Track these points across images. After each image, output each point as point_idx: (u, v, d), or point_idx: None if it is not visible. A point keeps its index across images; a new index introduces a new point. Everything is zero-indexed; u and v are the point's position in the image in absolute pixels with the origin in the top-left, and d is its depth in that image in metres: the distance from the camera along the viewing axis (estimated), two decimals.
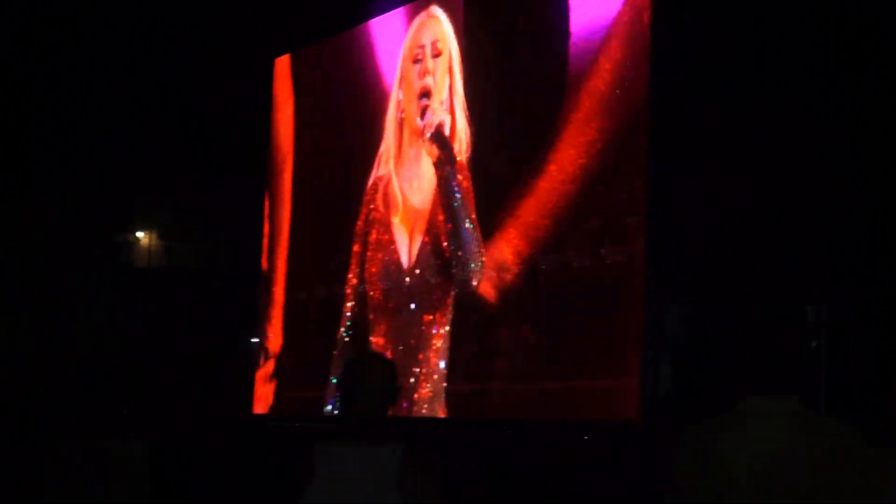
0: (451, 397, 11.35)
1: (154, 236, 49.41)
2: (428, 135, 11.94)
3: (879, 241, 8.80)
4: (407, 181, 12.38)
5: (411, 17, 12.74)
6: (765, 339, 2.92)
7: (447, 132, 11.73)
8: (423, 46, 12.39)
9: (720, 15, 9.59)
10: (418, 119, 12.21)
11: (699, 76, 9.63)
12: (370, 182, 12.98)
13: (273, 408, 14.21)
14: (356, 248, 13.05)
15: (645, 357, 9.59)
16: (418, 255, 12.00)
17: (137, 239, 50.07)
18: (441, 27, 12.17)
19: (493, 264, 11.00)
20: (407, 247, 12.21)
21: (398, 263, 12.24)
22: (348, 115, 13.80)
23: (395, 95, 12.77)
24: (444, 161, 11.69)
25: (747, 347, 2.95)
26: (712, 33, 9.59)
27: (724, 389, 7.77)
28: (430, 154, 11.93)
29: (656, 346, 9.66)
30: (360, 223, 13.09)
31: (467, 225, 11.37)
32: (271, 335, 14.54)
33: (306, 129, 14.72)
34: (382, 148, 12.87)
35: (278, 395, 14.24)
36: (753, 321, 2.97)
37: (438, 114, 11.84)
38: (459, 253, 11.37)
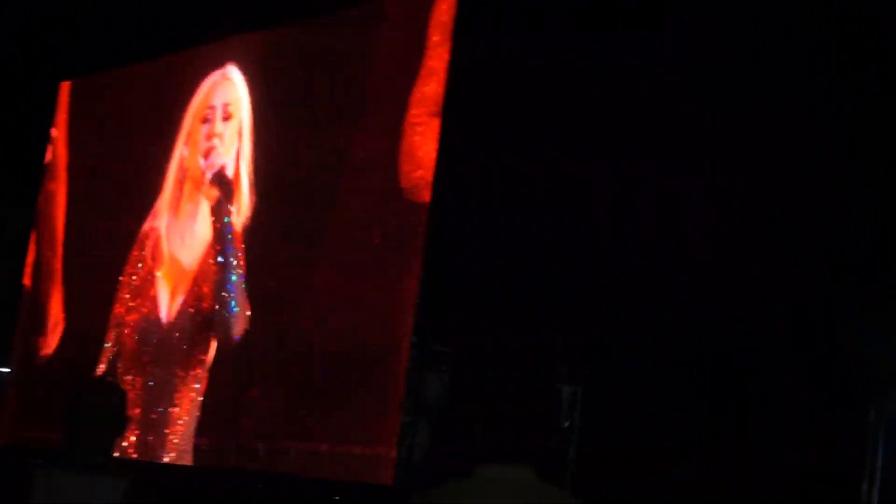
0: (199, 451, 11.12)
1: None
2: (209, 174, 11.69)
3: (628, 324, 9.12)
4: (179, 236, 12.07)
5: (206, 69, 12.48)
6: (510, 411, 3.00)
7: (230, 176, 11.52)
8: (213, 107, 12.07)
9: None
10: (200, 159, 11.96)
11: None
12: (142, 230, 12.62)
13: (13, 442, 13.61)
14: (121, 294, 12.66)
15: (403, 422, 9.65)
16: (178, 313, 11.70)
17: None
18: (236, 91, 11.92)
19: (258, 324, 10.90)
20: (167, 303, 11.91)
21: (157, 318, 11.93)
22: (127, 153, 13.43)
23: (179, 150, 12.44)
24: (223, 203, 11.46)
25: (493, 417, 3.02)
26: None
27: (468, 457, 7.89)
28: (208, 197, 11.66)
29: (415, 412, 9.73)
30: (128, 268, 12.70)
31: (234, 277, 11.16)
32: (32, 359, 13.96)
33: (81, 156, 14.27)
34: (160, 200, 12.51)
35: (23, 428, 13.66)
36: (504, 391, 3.05)
37: (222, 157, 11.63)
38: (224, 296, 11.15)
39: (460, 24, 9.81)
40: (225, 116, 11.93)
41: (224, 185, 11.57)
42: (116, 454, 11.40)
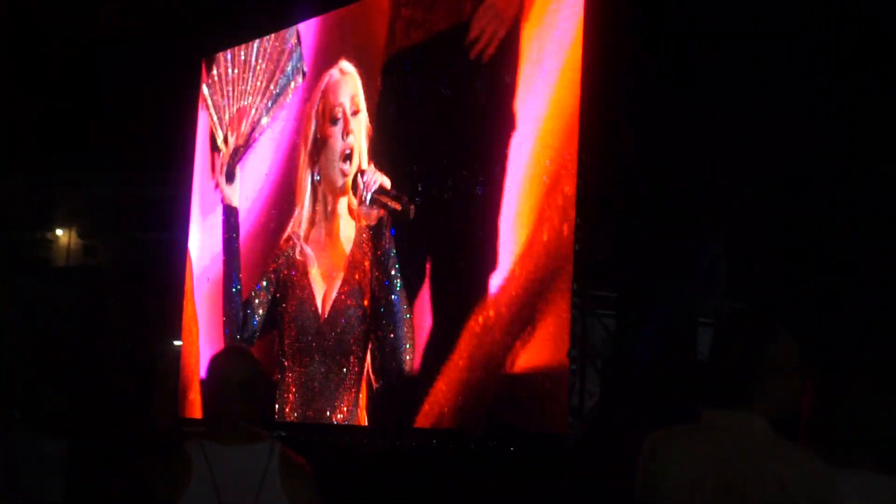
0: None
1: (73, 234, 48.58)
2: (368, 194, 11.58)
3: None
4: (317, 241, 12.24)
5: (319, 71, 12.51)
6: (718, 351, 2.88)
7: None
8: (341, 105, 12.18)
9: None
10: (340, 164, 11.98)
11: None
12: (284, 235, 12.88)
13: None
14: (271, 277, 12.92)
15: (571, 370, 9.60)
16: (333, 307, 11.83)
17: (56, 237, 49.27)
18: (356, 82, 11.96)
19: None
20: (322, 299, 12.07)
21: (314, 313, 12.08)
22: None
23: (308, 156, 12.54)
24: (383, 224, 11.41)
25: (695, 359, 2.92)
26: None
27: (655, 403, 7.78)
28: (366, 218, 11.57)
29: (581, 359, 9.69)
30: (273, 265, 12.94)
31: (398, 286, 11.21)
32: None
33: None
34: (297, 210, 12.68)
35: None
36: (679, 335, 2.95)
37: (377, 176, 11.53)
38: (383, 301, 11.21)
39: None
40: (354, 111, 11.98)
41: (383, 205, 11.50)
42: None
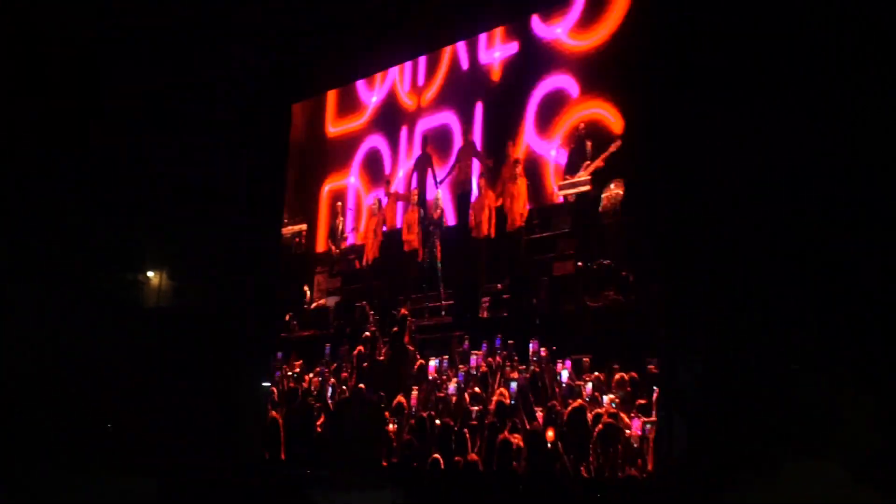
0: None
1: (164, 276, 49.20)
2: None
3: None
4: None
5: None
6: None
7: None
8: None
9: None
10: None
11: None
12: None
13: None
14: None
15: (659, 417, 9.59)
16: None
17: (147, 278, 49.89)
18: None
19: None
20: None
21: None
22: None
23: None
24: None
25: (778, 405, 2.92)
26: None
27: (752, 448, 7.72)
28: None
29: (668, 407, 9.66)
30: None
31: None
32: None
33: None
34: None
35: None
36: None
37: None
38: None
39: None
40: None
41: None
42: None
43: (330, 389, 14.31)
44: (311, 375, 14.86)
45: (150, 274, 43.72)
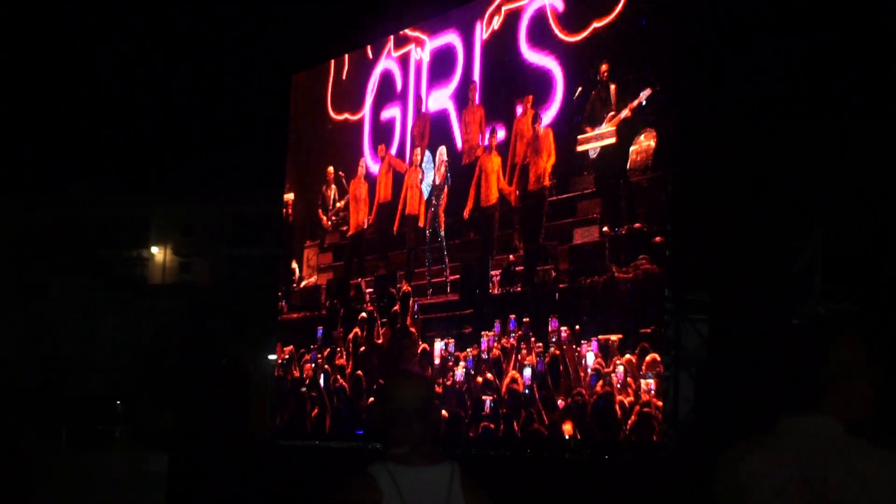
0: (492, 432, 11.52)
1: (169, 252, 49.36)
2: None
3: None
4: None
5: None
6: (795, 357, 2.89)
7: None
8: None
9: None
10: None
11: None
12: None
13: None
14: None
15: (665, 376, 9.52)
16: None
17: (152, 255, 50.07)
18: None
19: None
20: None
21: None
22: None
23: None
24: None
25: (776, 366, 2.91)
26: None
27: (751, 409, 7.69)
28: None
29: (675, 365, 9.61)
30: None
31: None
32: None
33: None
34: None
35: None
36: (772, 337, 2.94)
37: None
38: None
39: None
40: None
41: None
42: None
43: (323, 377, 14.04)
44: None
45: (154, 250, 43.61)
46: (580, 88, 11.03)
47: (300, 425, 14.09)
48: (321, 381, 14.05)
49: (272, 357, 15.28)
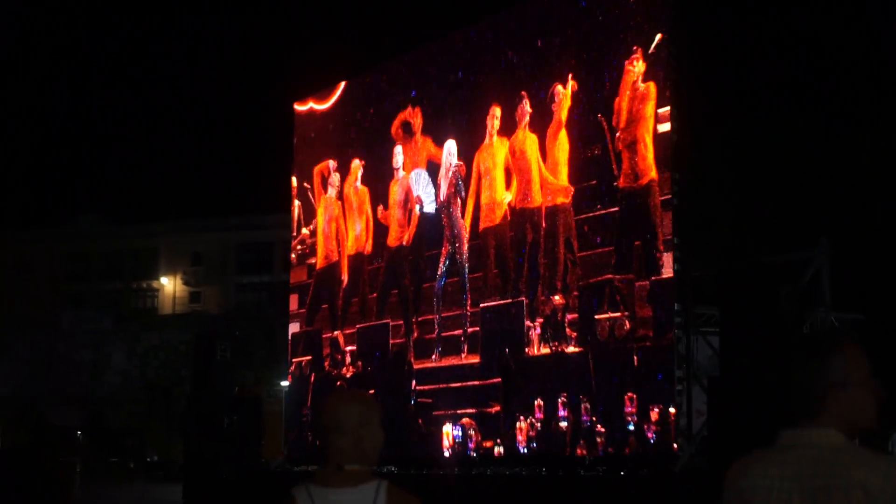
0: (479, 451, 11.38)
1: (178, 282, 49.22)
2: None
3: None
4: None
5: None
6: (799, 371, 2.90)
7: None
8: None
9: None
10: None
11: None
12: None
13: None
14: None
15: (678, 389, 9.49)
16: None
17: (162, 285, 49.94)
18: None
19: None
20: None
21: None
22: None
23: None
24: None
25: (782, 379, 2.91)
26: None
27: (760, 422, 7.67)
28: None
29: (687, 378, 9.57)
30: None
31: None
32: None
33: None
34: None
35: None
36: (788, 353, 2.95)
37: None
38: None
39: None
40: None
41: None
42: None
43: None
44: None
45: (163, 280, 43.61)
46: None
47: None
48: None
49: (284, 384, 15.25)
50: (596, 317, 9.22)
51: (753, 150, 9.69)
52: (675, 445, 9.27)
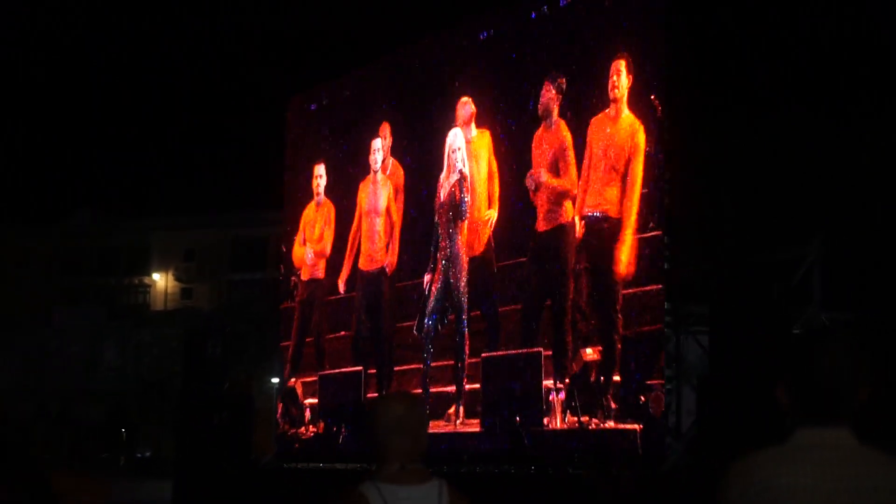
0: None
1: (170, 278, 49.29)
2: None
3: None
4: None
5: None
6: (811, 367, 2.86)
7: None
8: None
9: None
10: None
11: None
12: None
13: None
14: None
15: (667, 389, 9.49)
16: None
17: (154, 281, 50.01)
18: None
19: None
20: None
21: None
22: None
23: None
24: None
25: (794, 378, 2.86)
26: None
27: (750, 421, 7.66)
28: None
29: (676, 378, 9.58)
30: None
31: None
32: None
33: None
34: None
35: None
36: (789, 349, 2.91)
37: None
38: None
39: None
40: None
41: None
42: None
43: None
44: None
45: (155, 276, 43.52)
46: None
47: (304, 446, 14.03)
48: None
49: (275, 380, 15.24)
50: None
51: (744, 147, 9.69)
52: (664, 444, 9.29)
